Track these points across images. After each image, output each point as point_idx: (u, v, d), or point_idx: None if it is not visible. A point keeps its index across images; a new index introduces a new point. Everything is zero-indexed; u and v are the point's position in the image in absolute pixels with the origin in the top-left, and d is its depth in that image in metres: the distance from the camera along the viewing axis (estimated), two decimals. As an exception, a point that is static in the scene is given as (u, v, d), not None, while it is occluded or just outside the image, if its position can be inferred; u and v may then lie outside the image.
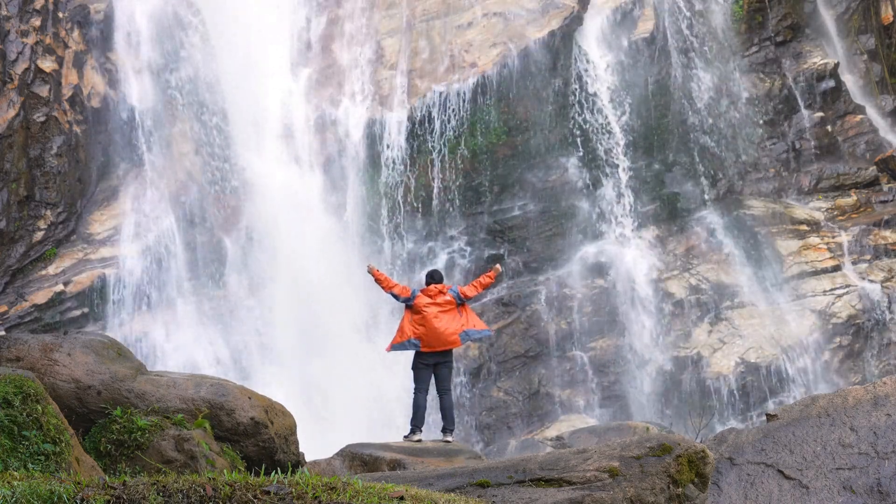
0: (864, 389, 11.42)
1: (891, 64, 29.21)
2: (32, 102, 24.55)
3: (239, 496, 6.33)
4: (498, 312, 26.01)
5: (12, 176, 24.09)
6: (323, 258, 25.34)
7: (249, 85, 26.28)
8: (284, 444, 11.41)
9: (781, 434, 11.01)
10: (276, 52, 27.06)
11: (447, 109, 26.36)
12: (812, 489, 10.43)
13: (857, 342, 25.61)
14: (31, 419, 8.64)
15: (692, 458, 9.05)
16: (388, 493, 6.77)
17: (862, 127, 28.37)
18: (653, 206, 27.14)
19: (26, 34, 24.69)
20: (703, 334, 25.87)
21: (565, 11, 26.97)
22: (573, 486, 8.50)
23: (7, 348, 10.66)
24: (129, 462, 10.05)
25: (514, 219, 26.64)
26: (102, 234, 25.11)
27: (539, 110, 26.73)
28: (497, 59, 26.52)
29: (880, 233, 26.90)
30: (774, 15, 28.90)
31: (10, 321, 23.33)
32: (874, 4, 29.31)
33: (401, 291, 15.40)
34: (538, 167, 26.78)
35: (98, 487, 6.32)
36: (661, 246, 26.84)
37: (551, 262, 26.58)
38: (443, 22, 27.33)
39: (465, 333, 15.15)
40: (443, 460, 13.18)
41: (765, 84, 28.37)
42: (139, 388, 10.84)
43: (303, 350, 24.70)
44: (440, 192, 26.49)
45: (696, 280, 26.47)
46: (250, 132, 26.20)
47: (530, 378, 25.53)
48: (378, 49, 27.36)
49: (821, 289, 26.30)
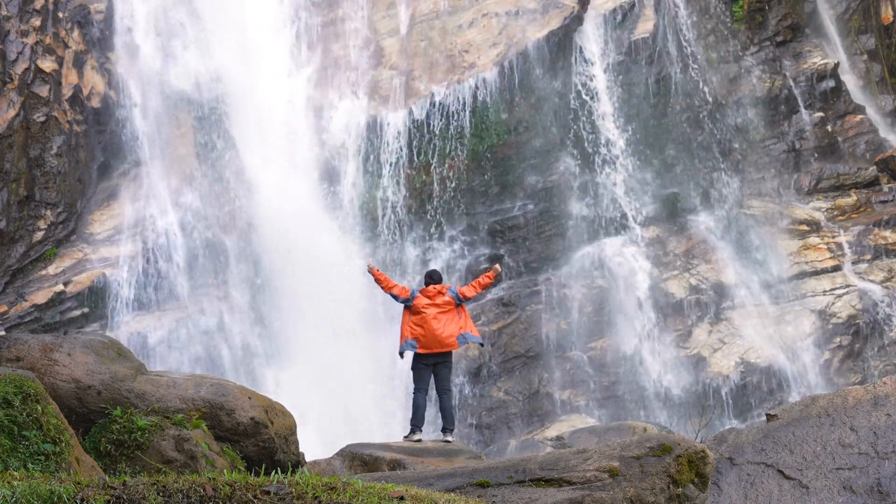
0: (864, 389, 11.42)
1: (891, 64, 29.20)
2: (32, 102, 24.56)
3: (239, 496, 6.33)
4: (498, 312, 26.01)
5: (12, 176, 24.09)
6: (323, 258, 25.33)
7: (249, 85, 26.29)
8: (284, 444, 11.42)
9: (781, 434, 11.01)
10: (276, 51, 27.07)
11: (447, 109, 26.36)
12: (812, 489, 10.43)
13: (857, 342, 25.60)
14: (31, 419, 8.63)
15: (692, 458, 9.05)
16: (388, 493, 6.77)
17: (862, 127, 28.37)
18: (653, 206, 27.13)
19: (26, 34, 24.69)
20: (703, 334, 25.87)
21: (565, 11, 26.97)
22: (573, 486, 8.50)
23: (7, 348, 10.66)
24: (129, 462, 10.05)
25: (514, 219, 26.64)
26: (102, 234, 25.12)
27: (539, 110, 26.73)
28: (497, 59, 26.52)
29: (880, 233, 26.90)
30: (774, 15, 28.90)
31: (10, 321, 23.34)
32: (874, 4, 29.31)
33: (400, 292, 15.37)
34: (538, 167, 26.78)
35: (98, 487, 6.32)
36: (661, 246, 26.83)
37: (551, 262, 26.58)
38: (443, 22, 27.33)
39: (462, 337, 15.13)
40: (443, 460, 13.18)
41: (765, 84, 28.36)
42: (139, 388, 10.84)
43: (303, 350, 24.70)
44: (440, 192, 26.49)
45: (696, 280, 26.47)
46: (250, 132, 26.20)
47: (530, 378, 25.52)
48: (378, 49, 27.36)
49: (821, 289, 26.30)
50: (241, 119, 26.23)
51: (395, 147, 26.40)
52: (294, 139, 26.55)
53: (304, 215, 25.72)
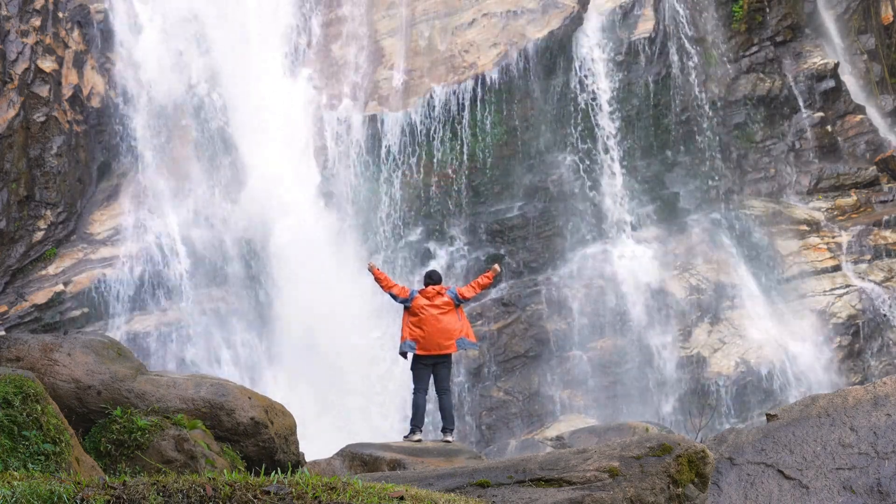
0: (864, 389, 11.42)
1: (891, 64, 29.20)
2: (32, 102, 24.56)
3: (239, 496, 6.33)
4: (498, 312, 26.00)
5: (12, 176, 24.09)
6: (322, 258, 25.34)
7: (249, 84, 26.28)
8: (284, 444, 11.42)
9: (781, 434, 11.01)
10: (276, 51, 27.07)
11: (447, 109, 26.36)
12: (812, 489, 10.42)
13: (857, 342, 25.60)
14: (31, 419, 8.63)
15: (692, 458, 9.05)
16: (388, 493, 6.77)
17: (862, 127, 28.36)
18: (653, 206, 27.13)
19: (26, 34, 24.69)
20: (703, 334, 25.87)
21: (565, 11, 26.97)
22: (573, 486, 8.50)
23: (7, 348, 10.66)
24: (129, 462, 10.05)
25: (514, 219, 26.64)
26: (102, 234, 25.12)
27: (539, 110, 26.73)
28: (497, 59, 26.52)
29: (880, 233, 26.90)
30: (774, 15, 28.89)
31: (10, 321, 23.34)
32: (874, 4, 29.31)
33: (399, 292, 15.33)
34: (538, 167, 26.78)
35: (98, 487, 6.32)
36: (661, 246, 26.83)
37: (551, 262, 26.58)
38: (443, 22, 27.32)
39: (461, 340, 15.06)
40: (443, 460, 13.18)
41: (765, 84, 28.35)
42: (139, 388, 10.84)
43: (303, 349, 24.70)
44: (440, 192, 26.49)
45: (696, 280, 26.47)
46: (250, 132, 26.20)
47: (530, 378, 25.52)
48: (378, 49, 27.37)
49: (821, 289, 26.29)
50: (241, 119, 26.24)
51: (394, 147, 26.40)
52: (293, 139, 26.55)
53: (303, 215, 25.73)
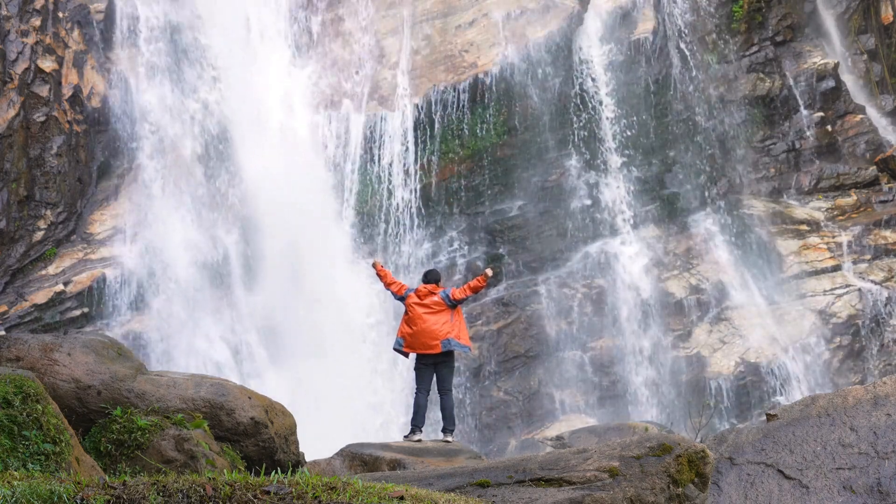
0: (864, 389, 11.42)
1: (891, 64, 29.21)
2: (32, 102, 24.56)
3: (239, 496, 6.33)
4: (498, 312, 26.01)
5: (12, 176, 24.09)
6: (322, 258, 25.34)
7: (249, 84, 26.29)
8: (284, 444, 11.42)
9: (781, 434, 11.01)
10: (276, 51, 27.09)
11: (447, 109, 26.36)
12: (812, 489, 10.43)
13: (857, 342, 25.61)
14: (31, 419, 8.63)
15: (692, 458, 9.05)
16: (388, 493, 6.77)
17: (862, 127, 28.37)
18: (653, 206, 27.14)
19: (26, 34, 24.69)
20: (703, 334, 25.87)
21: (565, 11, 26.97)
22: (573, 486, 8.50)
23: (7, 348, 10.65)
24: (129, 462, 10.04)
25: (514, 219, 26.64)
26: (102, 234, 25.11)
27: (539, 110, 26.73)
28: (497, 59, 26.53)
29: (880, 233, 26.90)
30: (774, 15, 28.89)
31: (10, 321, 23.33)
32: (874, 4, 29.31)
33: (396, 289, 15.40)
34: (538, 167, 26.78)
35: (98, 487, 6.32)
36: (660, 246, 26.83)
37: (551, 262, 26.58)
38: (443, 22, 27.33)
39: (447, 342, 14.99)
40: (443, 460, 13.18)
41: (765, 84, 28.36)
42: (139, 387, 10.83)
43: (303, 349, 24.70)
44: (440, 192, 26.49)
45: (696, 280, 26.47)
46: (250, 131, 26.20)
47: (530, 378, 25.52)
48: (378, 49, 27.37)
49: (821, 289, 26.30)
50: (241, 118, 26.24)
51: (394, 147, 26.41)
52: (294, 139, 26.56)
53: (303, 215, 25.73)
